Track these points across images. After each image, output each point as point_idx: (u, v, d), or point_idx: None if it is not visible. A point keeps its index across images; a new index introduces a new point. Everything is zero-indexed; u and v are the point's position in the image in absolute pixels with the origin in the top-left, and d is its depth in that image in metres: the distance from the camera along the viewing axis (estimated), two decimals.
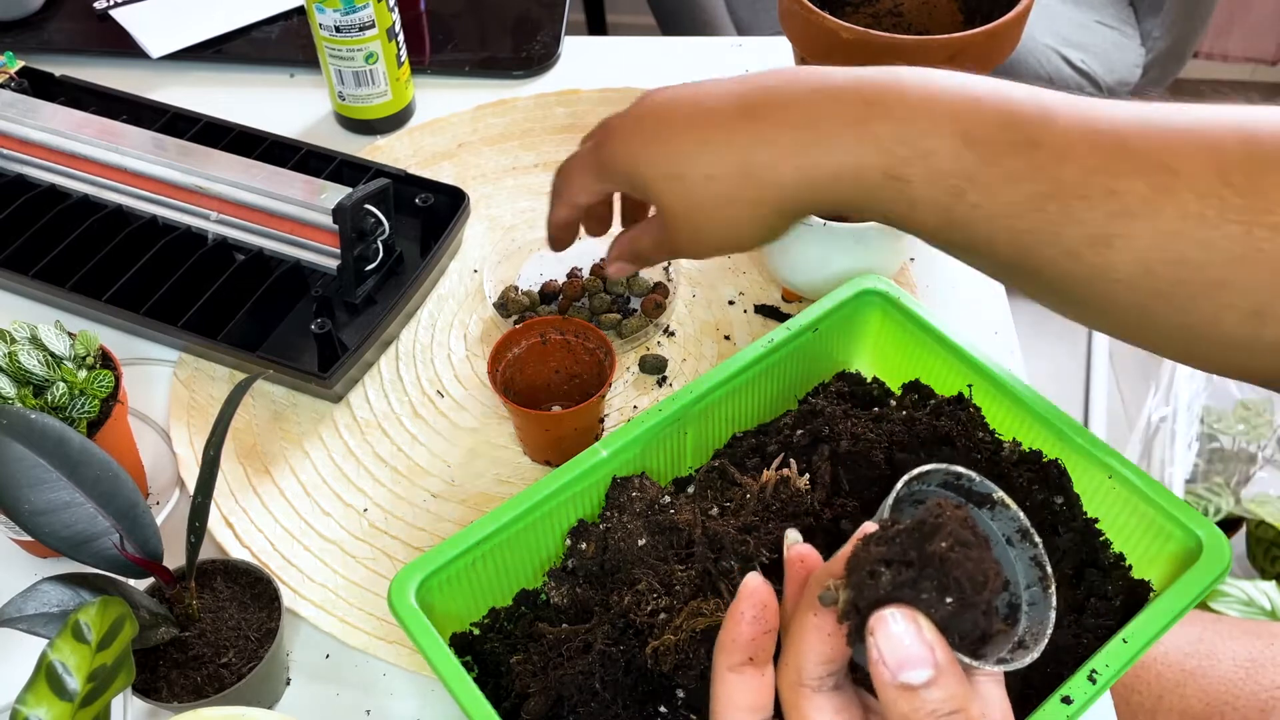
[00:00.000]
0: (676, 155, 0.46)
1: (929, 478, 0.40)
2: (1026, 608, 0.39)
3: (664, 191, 0.47)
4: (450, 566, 0.51)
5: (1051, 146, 0.40)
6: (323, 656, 0.61)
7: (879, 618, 0.33)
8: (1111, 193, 0.39)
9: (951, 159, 0.41)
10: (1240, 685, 0.75)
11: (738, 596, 0.39)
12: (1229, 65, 2.22)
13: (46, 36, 1.00)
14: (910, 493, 0.39)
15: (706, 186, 0.46)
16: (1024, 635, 0.38)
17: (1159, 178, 0.39)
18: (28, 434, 0.49)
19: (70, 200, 0.80)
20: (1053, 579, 0.39)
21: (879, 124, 0.42)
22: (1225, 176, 0.38)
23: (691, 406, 0.57)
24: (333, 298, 0.74)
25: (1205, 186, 0.38)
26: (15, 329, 0.61)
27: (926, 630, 0.33)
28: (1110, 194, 0.39)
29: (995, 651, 0.37)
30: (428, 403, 0.72)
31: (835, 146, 0.43)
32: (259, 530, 0.65)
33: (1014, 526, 0.40)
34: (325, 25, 0.83)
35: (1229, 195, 0.38)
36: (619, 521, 0.54)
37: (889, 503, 0.38)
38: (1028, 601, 0.39)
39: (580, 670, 0.49)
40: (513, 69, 0.96)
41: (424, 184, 0.80)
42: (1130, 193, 0.39)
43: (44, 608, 0.48)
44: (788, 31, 0.77)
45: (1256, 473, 1.35)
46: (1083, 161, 0.40)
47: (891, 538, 0.35)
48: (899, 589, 0.34)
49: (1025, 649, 0.37)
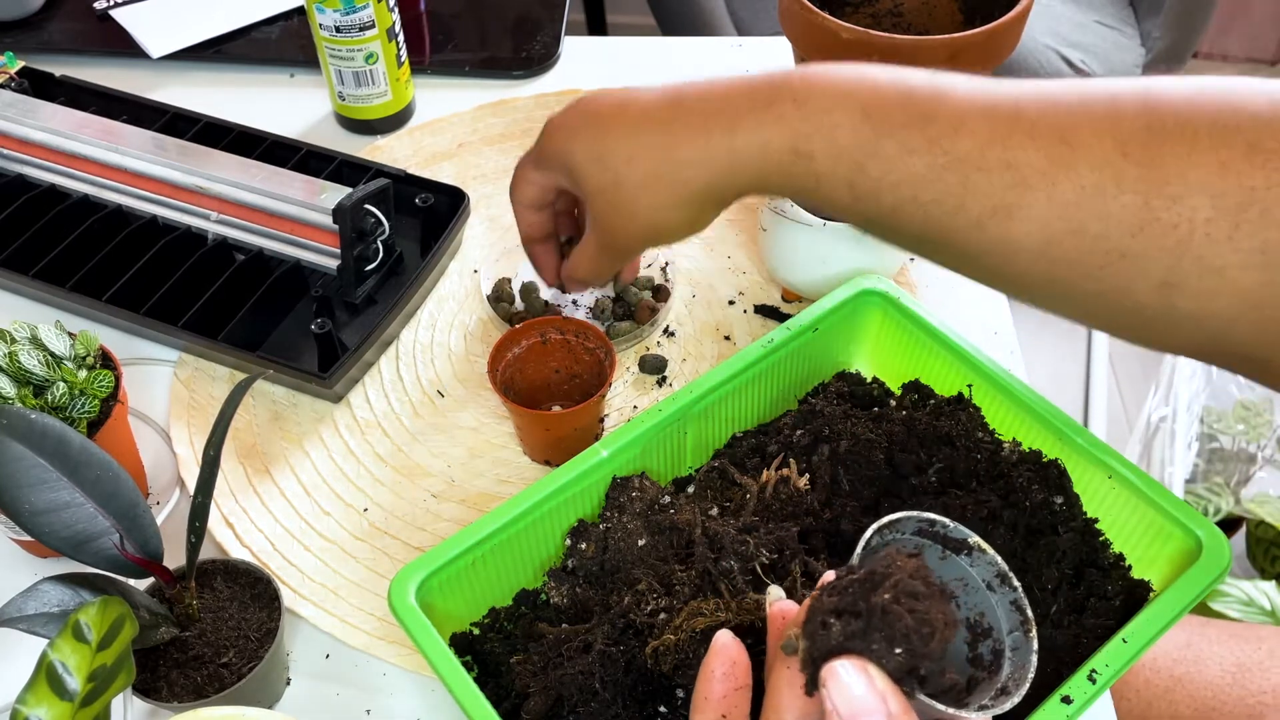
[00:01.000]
0: (603, 140, 0.49)
1: (902, 525, 0.40)
2: (1010, 653, 0.39)
3: (590, 174, 0.50)
4: (450, 566, 0.51)
5: (947, 120, 0.41)
6: (323, 656, 0.61)
7: (830, 669, 0.34)
8: (1008, 165, 0.40)
9: (851, 132, 0.43)
10: (1228, 691, 0.75)
11: (708, 654, 0.39)
12: (1229, 65, 2.22)
13: (46, 36, 1.00)
14: (884, 541, 0.40)
15: (629, 167, 0.49)
16: (1006, 681, 0.38)
17: (1055, 149, 0.39)
18: (28, 434, 0.49)
19: (70, 200, 0.80)
20: (1033, 622, 0.39)
21: (785, 105, 0.44)
22: (1123, 147, 0.38)
23: (691, 406, 0.57)
24: (333, 298, 0.74)
25: (1102, 157, 0.38)
26: (15, 329, 0.61)
27: (878, 680, 0.33)
28: (1007, 166, 0.40)
29: (979, 698, 0.37)
30: (428, 403, 0.72)
31: (746, 127, 0.46)
32: (259, 530, 0.65)
33: (993, 571, 0.40)
34: (325, 25, 0.83)
35: (1126, 166, 0.38)
36: (619, 521, 0.54)
37: (859, 550, 0.38)
38: (1010, 646, 0.39)
39: (580, 670, 0.49)
40: (513, 69, 0.96)
41: (424, 184, 0.80)
42: (1027, 165, 0.40)
43: (44, 608, 0.48)
44: (788, 31, 0.77)
45: (1256, 473, 1.35)
46: (977, 134, 0.41)
47: (844, 588, 0.35)
48: (850, 639, 0.34)
49: (1007, 694, 0.37)
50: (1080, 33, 1.61)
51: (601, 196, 0.51)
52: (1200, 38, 1.66)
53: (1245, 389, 1.42)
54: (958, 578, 0.41)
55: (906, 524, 0.40)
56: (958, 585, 0.41)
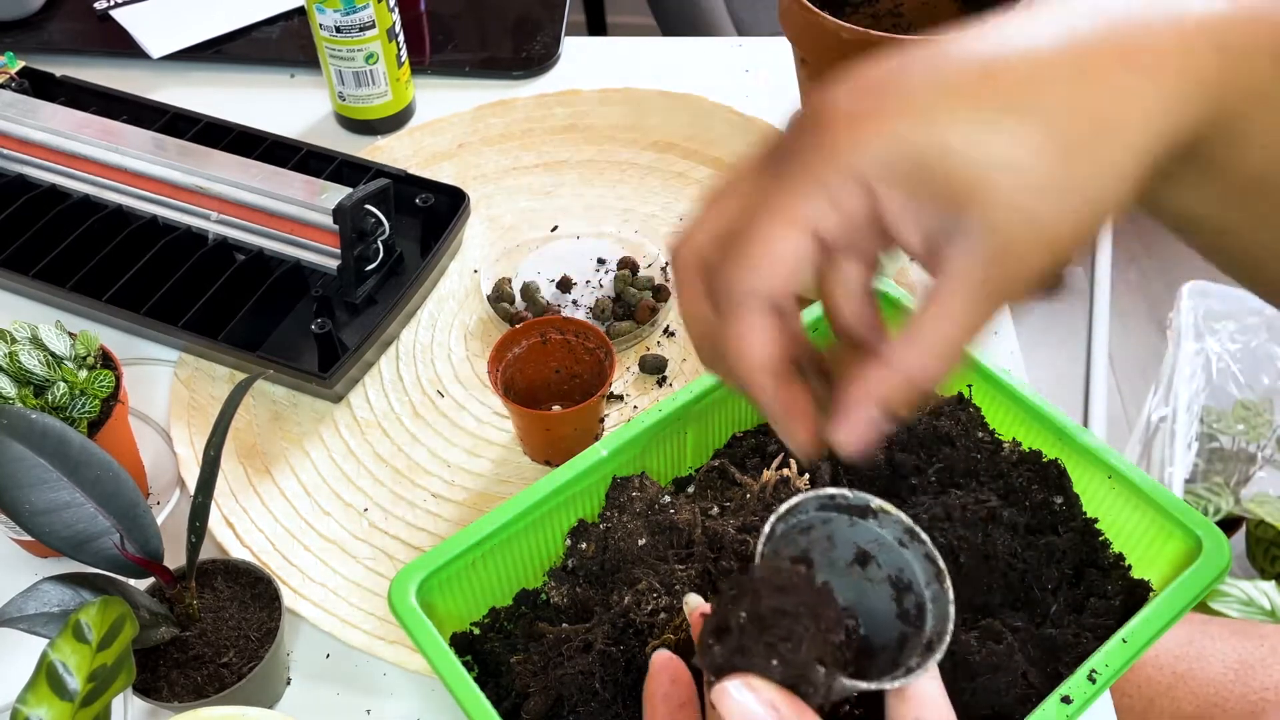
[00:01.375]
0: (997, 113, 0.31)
1: (803, 506, 0.40)
2: (930, 605, 0.40)
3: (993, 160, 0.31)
4: (450, 566, 0.51)
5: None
6: (323, 656, 0.61)
7: (718, 691, 0.34)
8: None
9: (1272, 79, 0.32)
10: (1230, 687, 0.75)
11: (648, 676, 0.39)
12: None
13: (47, 37, 1.00)
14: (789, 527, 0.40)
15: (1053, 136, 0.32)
16: (930, 635, 0.39)
17: None
18: (28, 434, 0.49)
19: (71, 200, 0.80)
20: (946, 573, 0.39)
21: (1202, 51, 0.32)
22: None
23: (691, 406, 0.57)
24: (333, 298, 0.74)
25: None
26: (16, 329, 0.61)
27: (764, 691, 0.33)
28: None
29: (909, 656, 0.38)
30: (428, 403, 0.72)
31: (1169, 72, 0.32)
32: (259, 530, 0.65)
33: (901, 528, 0.41)
34: (325, 25, 0.83)
35: None
36: (619, 521, 0.54)
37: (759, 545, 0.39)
38: (930, 598, 0.40)
39: (580, 670, 0.49)
40: (513, 69, 0.96)
41: (424, 184, 0.80)
42: None
43: (44, 607, 0.48)
44: (787, 31, 0.77)
45: (1256, 473, 1.35)
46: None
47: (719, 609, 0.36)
48: (732, 656, 0.34)
49: (932, 650, 0.38)
50: None
51: (1010, 198, 0.32)
52: None
53: (1245, 389, 1.42)
54: (871, 540, 0.41)
55: (808, 504, 0.40)
56: (873, 546, 0.41)
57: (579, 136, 0.90)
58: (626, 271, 0.77)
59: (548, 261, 0.79)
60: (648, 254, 0.80)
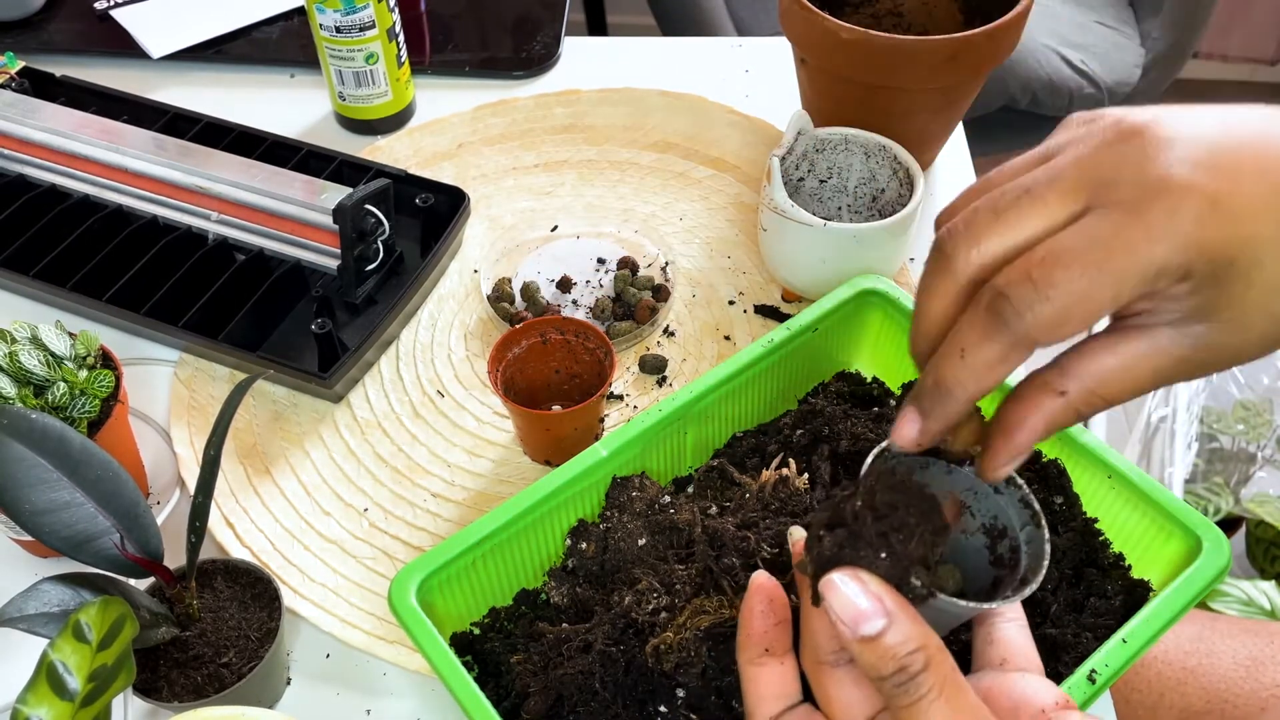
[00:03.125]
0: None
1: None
2: (1025, 546, 0.41)
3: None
4: (450, 566, 0.51)
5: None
6: (323, 656, 0.61)
7: (827, 582, 0.35)
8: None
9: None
10: (1240, 684, 0.75)
11: (746, 594, 0.40)
12: (1229, 65, 2.22)
13: (47, 37, 1.00)
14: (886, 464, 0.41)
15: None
16: (1025, 571, 0.40)
17: None
18: (28, 434, 0.49)
19: (71, 200, 0.80)
20: (1042, 515, 0.41)
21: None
22: None
23: (691, 406, 0.57)
24: (333, 298, 0.74)
25: None
26: (16, 329, 0.61)
27: (871, 583, 0.35)
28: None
29: (1003, 593, 0.40)
30: (428, 403, 0.72)
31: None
32: (259, 530, 0.65)
33: None
34: (325, 25, 0.83)
35: None
36: (619, 521, 0.54)
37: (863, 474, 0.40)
38: (1025, 540, 0.41)
39: (580, 670, 0.49)
40: (513, 69, 0.96)
41: (424, 184, 0.80)
42: None
43: (44, 607, 0.48)
44: (788, 31, 0.77)
45: (1256, 473, 1.35)
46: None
47: (835, 504, 0.37)
48: (841, 549, 0.36)
49: (1027, 583, 0.39)
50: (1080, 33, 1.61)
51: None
52: (1200, 38, 1.66)
53: (1245, 389, 1.42)
54: (967, 488, 0.43)
55: None
56: (968, 495, 0.43)
57: (579, 136, 0.90)
58: (626, 271, 0.77)
59: (548, 261, 0.79)
60: (648, 254, 0.80)
